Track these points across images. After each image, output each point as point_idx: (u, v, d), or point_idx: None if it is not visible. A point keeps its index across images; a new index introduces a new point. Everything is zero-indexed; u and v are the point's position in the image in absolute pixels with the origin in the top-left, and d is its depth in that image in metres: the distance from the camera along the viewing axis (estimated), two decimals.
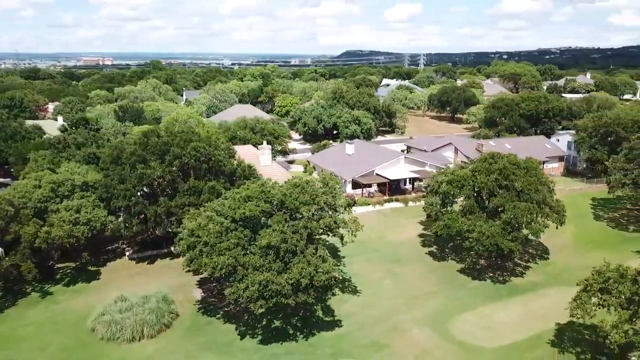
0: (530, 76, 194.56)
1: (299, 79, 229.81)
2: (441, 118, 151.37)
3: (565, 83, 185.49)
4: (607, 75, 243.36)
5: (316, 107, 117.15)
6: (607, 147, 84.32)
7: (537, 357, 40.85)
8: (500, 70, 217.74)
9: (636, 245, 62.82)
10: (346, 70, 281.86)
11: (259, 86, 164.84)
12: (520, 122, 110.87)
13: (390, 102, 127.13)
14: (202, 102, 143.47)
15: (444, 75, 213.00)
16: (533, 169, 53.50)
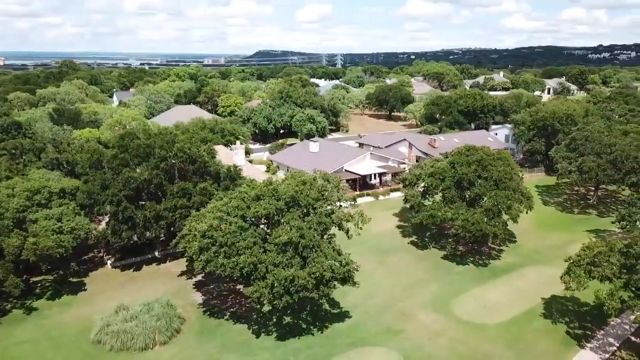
0: (452, 75, 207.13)
1: (227, 79, 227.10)
2: (379, 116, 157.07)
3: (485, 81, 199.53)
4: (512, 74, 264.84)
5: (265, 107, 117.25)
6: (544, 139, 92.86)
7: (535, 329, 45.00)
8: (423, 70, 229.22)
9: (584, 225, 70.29)
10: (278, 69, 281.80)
11: (195, 86, 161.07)
12: (459, 118, 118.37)
13: (335, 101, 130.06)
14: (137, 104, 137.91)
15: (372, 75, 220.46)
16: (506, 159, 58.27)
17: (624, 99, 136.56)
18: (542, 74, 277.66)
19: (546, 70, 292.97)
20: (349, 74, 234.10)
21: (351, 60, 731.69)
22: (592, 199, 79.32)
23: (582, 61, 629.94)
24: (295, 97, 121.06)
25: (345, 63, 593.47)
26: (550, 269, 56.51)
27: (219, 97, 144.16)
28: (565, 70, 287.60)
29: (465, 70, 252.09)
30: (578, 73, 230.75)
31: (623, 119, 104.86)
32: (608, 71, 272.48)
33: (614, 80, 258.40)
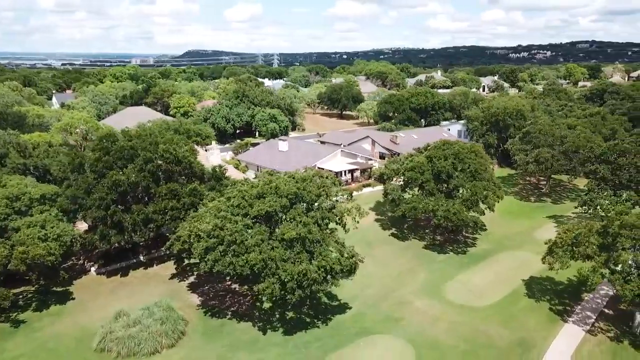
0: (395, 74, 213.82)
1: (168, 79, 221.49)
2: (330, 115, 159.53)
3: (426, 80, 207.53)
4: (447, 72, 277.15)
5: (222, 107, 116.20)
6: (497, 133, 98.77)
7: (522, 308, 48.61)
8: (365, 69, 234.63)
9: (543, 212, 75.89)
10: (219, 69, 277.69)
11: (142, 87, 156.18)
12: (411, 115, 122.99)
13: (291, 100, 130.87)
14: (82, 106, 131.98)
15: (317, 74, 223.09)
16: (479, 152, 62.02)
17: (556, 95, 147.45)
18: (474, 72, 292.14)
19: (477, 68, 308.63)
20: (293, 73, 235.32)
21: (285, 60, 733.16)
22: (545, 188, 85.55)
23: (504, 60, 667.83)
24: (252, 96, 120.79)
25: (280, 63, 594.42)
26: (522, 253, 61.04)
27: (168, 98, 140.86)
28: (495, 69, 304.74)
29: (404, 69, 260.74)
30: (509, 71, 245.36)
31: (562, 114, 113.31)
32: (534, 69, 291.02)
33: (539, 78, 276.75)
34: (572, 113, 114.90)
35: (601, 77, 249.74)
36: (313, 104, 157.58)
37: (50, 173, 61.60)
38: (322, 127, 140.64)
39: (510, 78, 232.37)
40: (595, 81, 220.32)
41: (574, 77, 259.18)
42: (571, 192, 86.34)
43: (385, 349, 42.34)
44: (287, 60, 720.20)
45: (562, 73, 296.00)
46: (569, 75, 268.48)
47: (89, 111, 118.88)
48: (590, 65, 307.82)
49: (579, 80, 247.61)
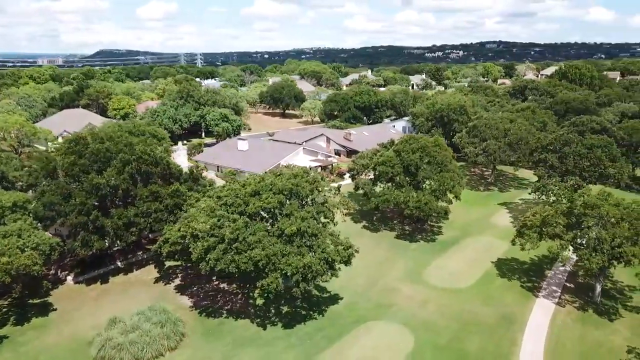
0: (329, 74, 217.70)
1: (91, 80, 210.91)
2: (273, 114, 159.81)
3: (360, 79, 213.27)
4: (374, 72, 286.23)
5: (167, 108, 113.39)
6: (442, 128, 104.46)
7: (498, 287, 52.78)
8: (299, 69, 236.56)
9: (494, 200, 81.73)
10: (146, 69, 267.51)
11: (73, 88, 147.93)
12: (356, 113, 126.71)
13: (237, 100, 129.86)
14: (7, 109, 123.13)
15: (252, 74, 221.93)
16: (442, 145, 65.96)
17: (484, 91, 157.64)
18: (400, 71, 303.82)
19: (403, 67, 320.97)
20: (226, 73, 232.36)
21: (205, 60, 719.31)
22: (491, 178, 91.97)
23: (420, 59, 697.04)
24: (198, 96, 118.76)
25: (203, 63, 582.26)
26: (485, 238, 65.81)
27: (104, 99, 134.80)
28: (420, 68, 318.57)
29: (336, 68, 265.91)
30: (435, 70, 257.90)
31: (494, 109, 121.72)
32: (455, 68, 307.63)
33: (459, 76, 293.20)
34: (504, 108, 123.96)
35: (517, 75, 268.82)
36: (255, 103, 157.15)
37: (6, 180, 58.10)
38: (266, 127, 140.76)
39: (436, 76, 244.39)
40: (513, 78, 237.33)
41: (492, 75, 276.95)
42: (513, 181, 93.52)
43: (385, 334, 44.54)
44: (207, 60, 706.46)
45: (480, 71, 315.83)
46: (487, 73, 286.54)
47: (21, 114, 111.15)
48: (505, 64, 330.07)
49: (497, 78, 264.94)
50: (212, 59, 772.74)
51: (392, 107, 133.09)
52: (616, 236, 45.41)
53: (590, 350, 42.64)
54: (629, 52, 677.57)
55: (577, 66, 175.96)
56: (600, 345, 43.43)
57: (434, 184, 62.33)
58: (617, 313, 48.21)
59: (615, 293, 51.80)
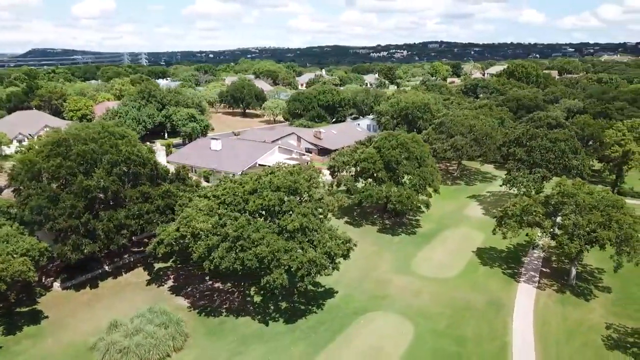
0: (285, 73, 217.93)
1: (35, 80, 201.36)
2: (233, 114, 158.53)
3: (316, 78, 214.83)
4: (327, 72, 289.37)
5: (129, 108, 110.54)
6: (407, 125, 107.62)
7: (482, 275, 55.58)
8: (254, 68, 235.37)
9: (463, 193, 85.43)
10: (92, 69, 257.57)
11: (21, 89, 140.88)
12: (320, 112, 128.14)
13: (200, 100, 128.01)
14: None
15: (206, 74, 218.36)
16: (419, 141, 68.41)
17: (439, 90, 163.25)
18: (351, 71, 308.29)
19: (355, 67, 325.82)
20: (179, 72, 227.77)
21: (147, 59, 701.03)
22: (456, 172, 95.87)
23: (366, 59, 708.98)
24: (160, 96, 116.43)
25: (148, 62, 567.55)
26: (462, 229, 68.96)
27: (57, 100, 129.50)
28: (370, 67, 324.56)
29: (289, 67, 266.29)
30: (387, 69, 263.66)
31: (452, 107, 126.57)
32: (404, 67, 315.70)
33: (409, 75, 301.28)
34: (462, 106, 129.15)
35: (466, 74, 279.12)
36: (214, 103, 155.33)
37: None
38: (228, 126, 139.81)
39: (389, 76, 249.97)
40: (462, 77, 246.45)
41: (440, 74, 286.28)
42: (477, 175, 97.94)
43: (385, 323, 46.11)
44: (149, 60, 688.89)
45: (427, 70, 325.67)
46: (436, 72, 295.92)
47: None
48: (452, 63, 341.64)
49: (446, 77, 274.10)
50: (155, 58, 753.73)
51: (354, 105, 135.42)
52: (590, 222, 49.08)
53: (574, 328, 45.93)
54: (560, 52, 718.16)
55: (524, 65, 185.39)
56: (581, 323, 46.85)
57: (414, 178, 64.60)
58: (592, 294, 52.05)
59: (587, 276, 55.77)
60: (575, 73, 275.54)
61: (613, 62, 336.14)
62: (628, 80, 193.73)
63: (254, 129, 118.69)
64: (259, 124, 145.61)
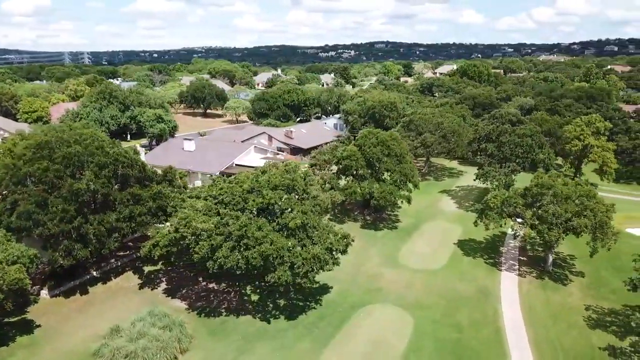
0: (242, 73, 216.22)
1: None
2: (194, 114, 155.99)
3: (274, 77, 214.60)
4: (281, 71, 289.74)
5: (91, 109, 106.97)
6: (374, 124, 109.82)
7: (467, 265, 58.10)
8: (208, 68, 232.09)
9: (434, 188, 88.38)
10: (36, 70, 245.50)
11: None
12: (286, 112, 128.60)
13: (163, 100, 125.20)
14: None
15: (160, 73, 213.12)
16: (398, 139, 70.41)
17: (397, 88, 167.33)
18: (305, 70, 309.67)
19: (308, 67, 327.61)
20: (131, 72, 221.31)
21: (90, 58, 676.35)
22: (424, 168, 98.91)
23: (315, 59, 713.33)
24: (122, 97, 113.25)
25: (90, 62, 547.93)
26: (440, 222, 71.63)
27: (8, 102, 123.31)
28: (323, 67, 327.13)
29: (245, 67, 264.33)
30: (342, 69, 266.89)
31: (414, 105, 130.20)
32: (357, 67, 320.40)
33: (362, 75, 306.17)
34: (422, 104, 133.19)
35: (419, 74, 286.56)
36: (174, 103, 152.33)
37: None
38: (190, 127, 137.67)
39: (344, 75, 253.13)
40: (414, 77, 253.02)
41: (393, 74, 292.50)
42: (444, 170, 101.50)
43: (384, 315, 47.53)
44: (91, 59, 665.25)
45: (379, 70, 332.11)
46: (388, 72, 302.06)
47: None
48: (403, 62, 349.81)
49: (399, 76, 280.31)
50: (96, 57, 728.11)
51: (318, 105, 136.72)
52: (567, 211, 52.47)
53: (557, 311, 49.00)
54: (500, 52, 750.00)
55: (476, 64, 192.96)
56: (563, 306, 50.06)
57: (395, 175, 66.49)
58: (567, 278, 55.59)
59: (561, 262, 59.41)
60: (519, 72, 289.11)
61: (552, 62, 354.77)
62: (570, 78, 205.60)
63: (221, 129, 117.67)
64: (222, 124, 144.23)
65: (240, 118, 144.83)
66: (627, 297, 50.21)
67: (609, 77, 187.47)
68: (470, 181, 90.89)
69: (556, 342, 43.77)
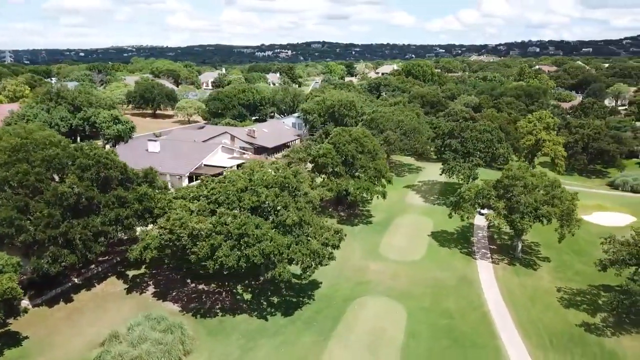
0: (187, 72, 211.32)
1: None
2: (143, 115, 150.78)
3: (221, 77, 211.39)
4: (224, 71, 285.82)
5: (38, 111, 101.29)
6: (334, 123, 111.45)
7: (445, 255, 60.78)
8: (151, 67, 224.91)
9: (398, 184, 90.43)
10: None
11: None
12: (242, 111, 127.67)
13: (113, 100, 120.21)
14: None
15: (100, 73, 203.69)
16: (370, 137, 72.30)
17: (346, 88, 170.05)
18: (247, 70, 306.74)
19: (251, 66, 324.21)
20: (68, 72, 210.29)
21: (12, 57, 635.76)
22: None
23: (252, 58, 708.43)
24: (71, 97, 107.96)
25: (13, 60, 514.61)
26: (411, 216, 74.28)
27: None
28: (267, 67, 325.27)
29: (187, 66, 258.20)
30: (287, 68, 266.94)
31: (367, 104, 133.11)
32: (300, 66, 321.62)
33: (305, 74, 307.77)
34: (374, 102, 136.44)
35: (363, 74, 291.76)
36: (122, 104, 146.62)
37: None
38: (142, 128, 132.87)
39: (289, 75, 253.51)
40: (358, 77, 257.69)
41: (336, 74, 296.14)
42: (402, 167, 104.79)
43: (377, 306, 49.09)
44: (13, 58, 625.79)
45: (320, 70, 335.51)
46: (330, 72, 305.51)
47: None
48: (345, 62, 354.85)
49: (342, 76, 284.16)
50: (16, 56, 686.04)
51: (274, 104, 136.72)
52: (537, 200, 56.33)
53: (533, 294, 52.56)
54: (433, 53, 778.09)
55: (420, 64, 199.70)
56: (537, 289, 53.76)
57: (370, 171, 68.31)
58: (536, 264, 59.61)
59: (527, 249, 63.51)
60: (455, 72, 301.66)
61: (483, 62, 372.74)
62: (505, 77, 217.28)
63: (179, 129, 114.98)
64: (173, 124, 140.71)
65: (192, 118, 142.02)
66: (591, 278, 54.85)
67: (540, 76, 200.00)
68: (430, 176, 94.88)
69: (537, 322, 47.06)
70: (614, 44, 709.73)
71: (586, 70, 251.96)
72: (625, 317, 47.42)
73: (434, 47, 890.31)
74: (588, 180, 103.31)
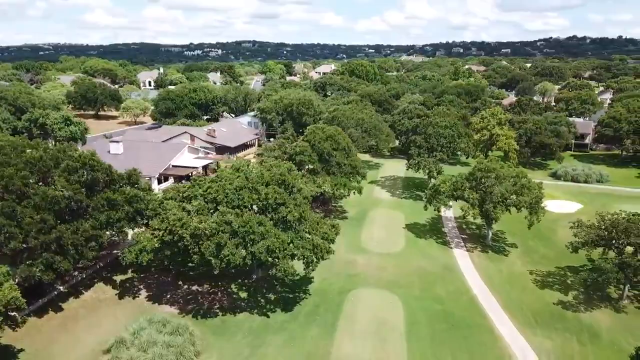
0: (125, 72, 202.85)
1: None
2: (85, 116, 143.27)
3: (160, 76, 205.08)
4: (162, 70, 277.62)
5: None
6: (292, 121, 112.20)
7: (423, 246, 63.49)
8: (85, 66, 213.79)
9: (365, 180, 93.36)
10: None
11: None
12: (194, 110, 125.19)
13: (58, 102, 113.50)
14: None
15: (29, 72, 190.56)
16: (343, 134, 73.83)
17: (294, 87, 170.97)
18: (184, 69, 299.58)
19: (188, 66, 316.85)
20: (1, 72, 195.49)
21: None
22: None
23: (181, 57, 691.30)
24: (12, 98, 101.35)
25: None
26: (383, 210, 76.76)
27: None
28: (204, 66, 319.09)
29: (123, 65, 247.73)
30: (227, 67, 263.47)
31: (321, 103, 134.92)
32: (238, 65, 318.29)
33: (244, 73, 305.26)
34: (324, 101, 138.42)
35: (304, 73, 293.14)
36: (61, 104, 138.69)
37: None
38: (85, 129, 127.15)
39: (230, 74, 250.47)
40: (299, 76, 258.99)
41: (275, 73, 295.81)
42: (362, 163, 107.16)
43: (372, 296, 50.74)
44: None
45: (257, 69, 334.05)
46: (269, 71, 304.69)
47: None
48: (284, 62, 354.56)
49: (283, 75, 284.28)
50: None
51: (225, 103, 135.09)
52: (507, 190, 60.36)
53: (510, 278, 56.36)
54: (362, 52, 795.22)
55: (363, 64, 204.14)
56: (512, 273, 57.67)
57: (345, 167, 69.90)
58: (505, 250, 63.77)
59: (494, 237, 67.70)
60: (391, 71, 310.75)
61: (417, 62, 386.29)
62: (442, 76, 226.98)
63: (133, 130, 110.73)
64: (119, 125, 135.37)
65: (139, 119, 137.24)
66: (556, 260, 59.72)
67: (474, 75, 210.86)
68: (390, 172, 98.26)
69: (519, 303, 50.64)
70: (529, 45, 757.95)
71: (512, 69, 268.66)
72: (593, 294, 52.12)
73: (363, 47, 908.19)
74: (532, 172, 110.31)
